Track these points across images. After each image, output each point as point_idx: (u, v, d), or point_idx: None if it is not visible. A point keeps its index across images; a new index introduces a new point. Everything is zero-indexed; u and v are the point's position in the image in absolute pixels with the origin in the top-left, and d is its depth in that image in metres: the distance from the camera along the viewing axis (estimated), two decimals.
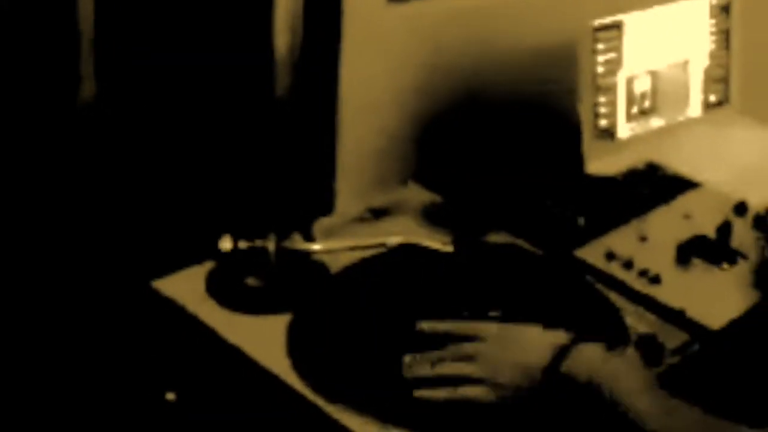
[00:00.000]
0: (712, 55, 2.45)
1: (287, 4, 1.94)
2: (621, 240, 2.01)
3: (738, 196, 2.13)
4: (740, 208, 2.10)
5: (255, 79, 2.01)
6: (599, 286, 1.90)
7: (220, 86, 2.04)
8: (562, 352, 1.54)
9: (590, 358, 1.54)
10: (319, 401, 1.63)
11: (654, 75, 2.35)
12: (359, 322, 1.76)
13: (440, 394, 1.58)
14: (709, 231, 2.03)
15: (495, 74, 2.30)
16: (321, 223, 2.00)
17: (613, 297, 1.88)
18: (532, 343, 1.58)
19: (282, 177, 2.02)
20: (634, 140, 2.32)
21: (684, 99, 2.42)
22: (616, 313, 1.83)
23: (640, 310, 1.85)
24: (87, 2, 1.92)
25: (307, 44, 1.96)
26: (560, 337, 1.57)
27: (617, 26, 2.26)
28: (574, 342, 1.56)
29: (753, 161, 2.34)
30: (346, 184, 2.13)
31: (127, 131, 2.04)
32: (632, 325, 1.80)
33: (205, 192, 2.08)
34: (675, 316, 1.83)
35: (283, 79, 1.89)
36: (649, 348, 1.74)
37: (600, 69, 2.25)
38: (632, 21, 2.28)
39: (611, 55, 2.26)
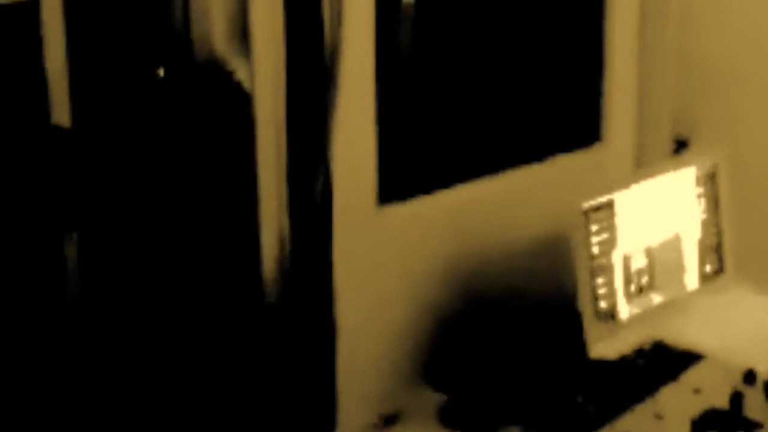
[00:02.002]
0: (704, 225, 2.47)
1: (273, 209, 1.96)
2: (635, 421, 2.00)
3: (745, 365, 2.13)
4: (749, 377, 2.10)
5: (244, 286, 2.02)
6: None
7: (211, 298, 2.06)
8: None
9: None
10: None
11: (649, 251, 2.37)
12: None
13: None
14: (721, 402, 2.02)
15: (491, 267, 2.33)
16: None
17: None
18: None
19: (280, 392, 2.01)
20: (635, 319, 2.33)
21: (681, 272, 2.43)
22: None
23: None
24: None
25: (296, 250, 1.96)
26: None
27: (609, 206, 2.28)
28: None
29: (755, 329, 2.35)
30: (350, 392, 2.11)
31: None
32: None
33: (206, 412, 2.08)
34: None
35: (272, 285, 1.89)
36: None
37: (595, 250, 2.27)
38: (622, 198, 2.30)
39: (605, 235, 2.28)
